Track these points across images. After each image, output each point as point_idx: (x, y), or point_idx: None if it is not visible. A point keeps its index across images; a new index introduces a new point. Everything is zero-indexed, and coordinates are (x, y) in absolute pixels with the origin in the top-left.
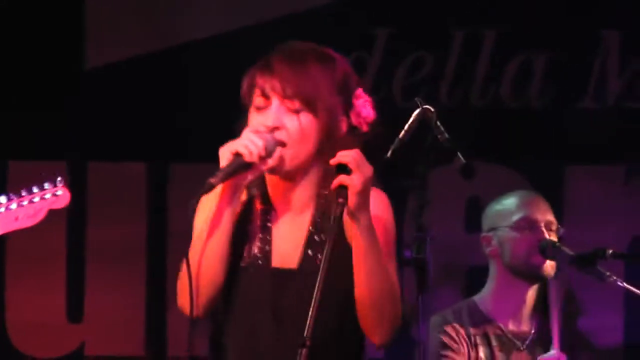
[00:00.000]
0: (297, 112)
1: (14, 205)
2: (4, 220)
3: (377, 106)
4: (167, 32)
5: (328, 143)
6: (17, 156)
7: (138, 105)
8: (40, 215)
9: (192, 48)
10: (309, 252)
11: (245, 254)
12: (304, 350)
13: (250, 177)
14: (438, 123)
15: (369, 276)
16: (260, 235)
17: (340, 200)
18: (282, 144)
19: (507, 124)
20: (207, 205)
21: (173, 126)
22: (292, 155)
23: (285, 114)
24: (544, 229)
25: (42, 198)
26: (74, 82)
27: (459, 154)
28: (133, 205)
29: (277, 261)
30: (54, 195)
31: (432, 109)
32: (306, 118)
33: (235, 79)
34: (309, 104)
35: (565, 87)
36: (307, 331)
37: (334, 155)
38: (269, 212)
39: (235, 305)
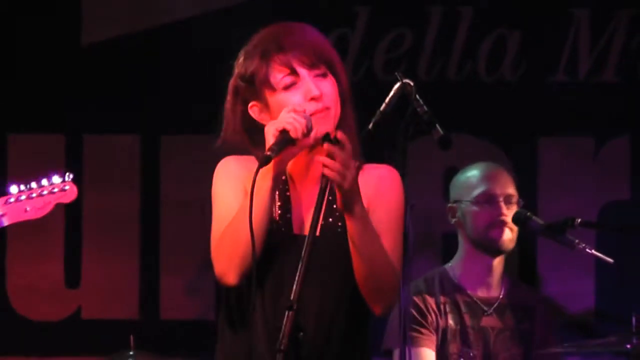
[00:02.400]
0: (324, 76)
1: (23, 197)
2: (15, 211)
3: (359, 80)
4: (159, 10)
5: (344, 103)
6: (16, 129)
7: (132, 80)
8: (48, 208)
9: (184, 26)
10: (330, 219)
11: (275, 223)
12: (291, 313)
13: (294, 151)
14: (417, 96)
15: (364, 258)
16: (279, 203)
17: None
18: (327, 108)
19: (483, 98)
20: (259, 180)
21: (165, 100)
22: (334, 115)
23: (317, 82)
24: (502, 203)
25: (50, 192)
26: (70, 58)
27: (437, 126)
28: (127, 176)
29: (298, 228)
30: (62, 190)
31: (412, 83)
32: (332, 80)
33: (224, 56)
34: (331, 67)
35: (538, 62)
36: (294, 295)
37: (346, 118)
38: (287, 182)
39: (260, 270)
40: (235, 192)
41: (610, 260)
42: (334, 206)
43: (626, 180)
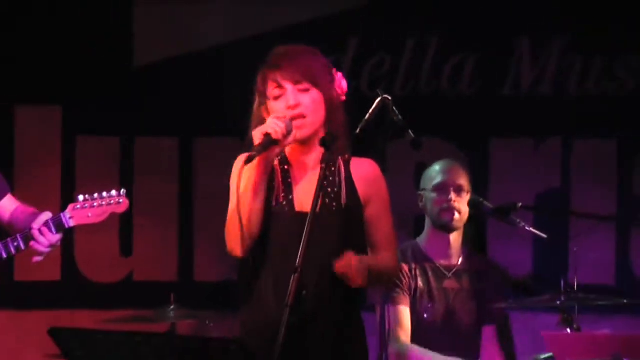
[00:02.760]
0: (307, 90)
1: (87, 205)
2: (80, 215)
3: (348, 96)
4: (195, 37)
5: (331, 110)
6: (84, 132)
7: (172, 93)
8: (104, 216)
9: (214, 51)
10: (326, 200)
11: (273, 204)
12: (296, 276)
13: (277, 150)
14: (394, 108)
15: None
16: (282, 188)
17: (322, 165)
18: (303, 116)
19: (446, 108)
20: (245, 174)
21: (199, 110)
22: (311, 122)
23: (299, 95)
24: (453, 191)
25: (108, 204)
26: (125, 77)
27: (409, 131)
28: (168, 167)
29: (299, 206)
30: (117, 203)
31: (389, 98)
32: (315, 93)
33: (244, 75)
34: (314, 83)
35: (490, 80)
36: (299, 260)
37: (335, 122)
38: (288, 171)
39: (268, 243)
40: (249, 175)
41: (544, 235)
42: (329, 189)
43: (558, 172)
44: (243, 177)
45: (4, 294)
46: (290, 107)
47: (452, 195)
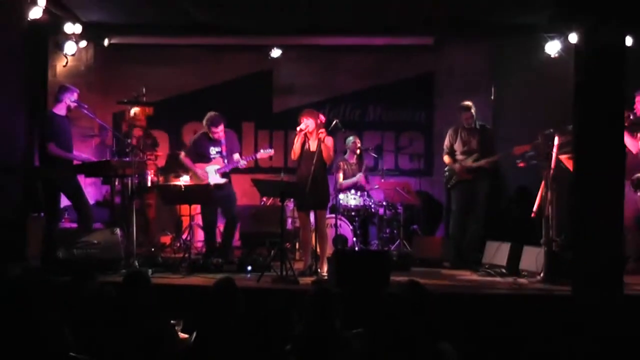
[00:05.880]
0: (308, 119)
1: (263, 152)
2: (261, 155)
3: (327, 120)
4: (292, 100)
5: (317, 126)
6: (261, 129)
7: (286, 122)
8: (267, 156)
9: (293, 109)
10: (321, 148)
11: (305, 148)
12: (313, 168)
13: (304, 133)
14: (339, 124)
15: (328, 152)
16: (307, 144)
17: (319, 138)
18: (307, 126)
19: (358, 125)
20: (297, 140)
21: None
22: (310, 129)
23: (307, 120)
24: (357, 143)
25: (267, 152)
26: (269, 115)
27: (343, 129)
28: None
29: (312, 148)
30: (269, 152)
31: (339, 121)
32: (312, 121)
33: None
34: (313, 118)
35: (362, 117)
36: (315, 167)
37: (321, 128)
38: (307, 139)
39: (303, 159)
40: (298, 139)
41: (375, 155)
42: (321, 146)
43: (393, 145)
44: (296, 140)
45: (229, 175)
46: (305, 124)
47: (357, 146)
